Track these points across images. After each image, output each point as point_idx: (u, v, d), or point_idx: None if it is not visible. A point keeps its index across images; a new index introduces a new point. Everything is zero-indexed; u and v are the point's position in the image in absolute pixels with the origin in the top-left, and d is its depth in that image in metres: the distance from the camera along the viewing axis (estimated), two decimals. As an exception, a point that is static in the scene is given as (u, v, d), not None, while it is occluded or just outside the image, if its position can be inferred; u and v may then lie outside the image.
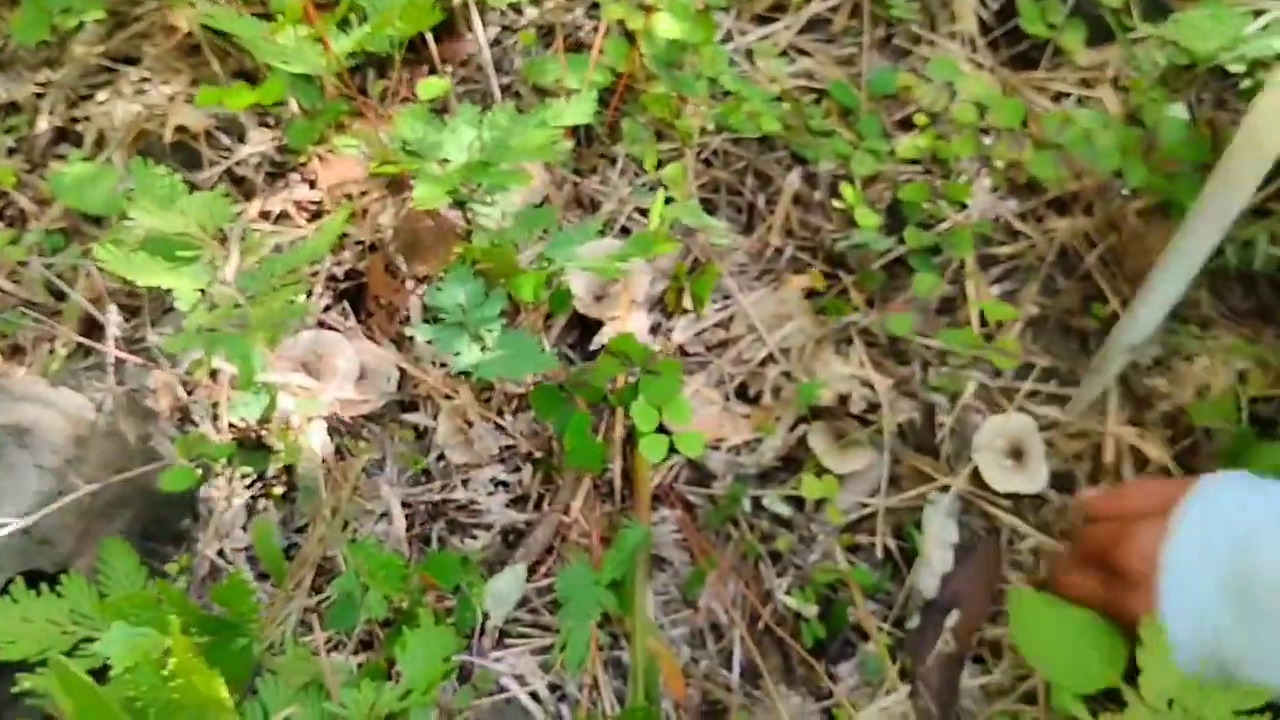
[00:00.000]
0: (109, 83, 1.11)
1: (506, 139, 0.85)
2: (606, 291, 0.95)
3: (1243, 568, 0.69)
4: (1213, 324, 0.98)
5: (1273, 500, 0.73)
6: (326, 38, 0.76)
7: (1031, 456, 0.93)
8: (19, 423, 0.78)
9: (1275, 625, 0.67)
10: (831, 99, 1.07)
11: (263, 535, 0.76)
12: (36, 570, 0.77)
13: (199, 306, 0.76)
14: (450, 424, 0.91)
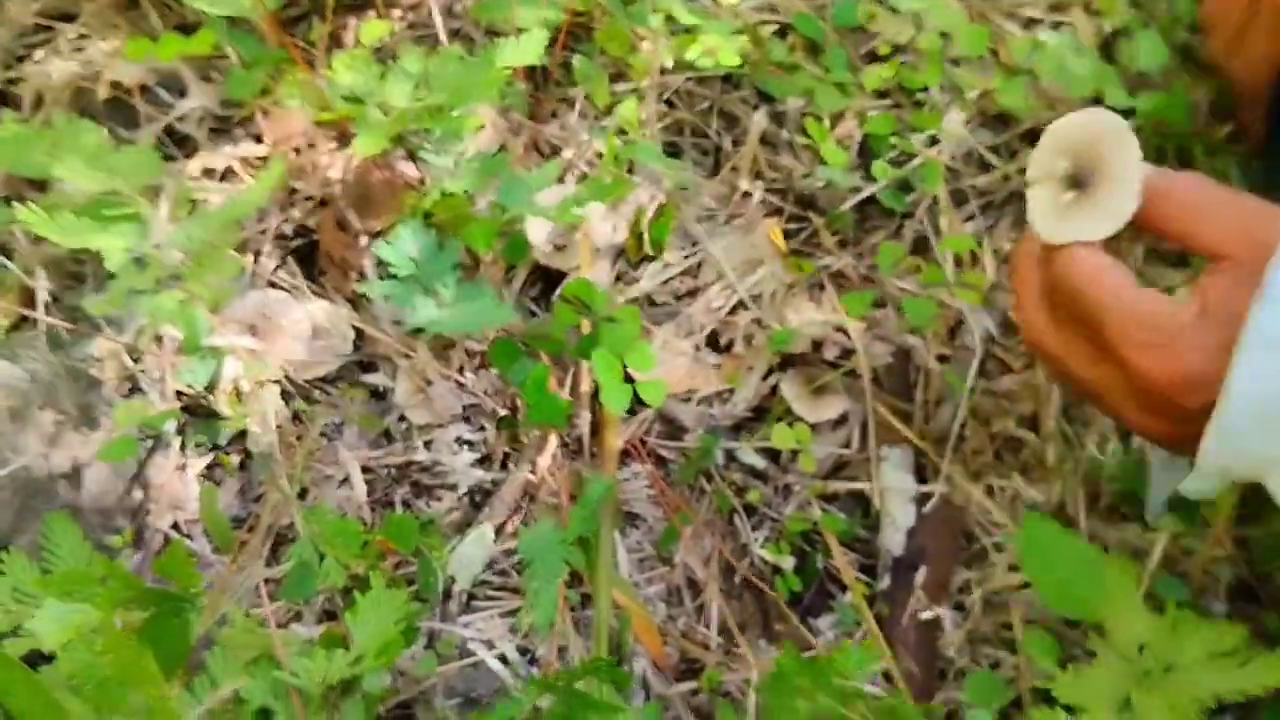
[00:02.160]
0: (46, 42, 1.06)
1: (455, 82, 0.81)
2: (567, 241, 0.92)
3: None
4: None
5: None
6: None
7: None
8: (-51, 397, 0.75)
9: None
10: (796, 32, 1.03)
11: (209, 503, 0.73)
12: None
13: (129, 267, 0.73)
14: (409, 384, 0.88)
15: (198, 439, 0.87)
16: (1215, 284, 0.56)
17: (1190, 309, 0.56)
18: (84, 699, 0.58)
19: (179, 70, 1.01)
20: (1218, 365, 0.54)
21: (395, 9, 1.02)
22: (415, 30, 1.02)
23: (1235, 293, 0.54)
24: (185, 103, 0.99)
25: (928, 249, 0.97)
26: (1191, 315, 0.56)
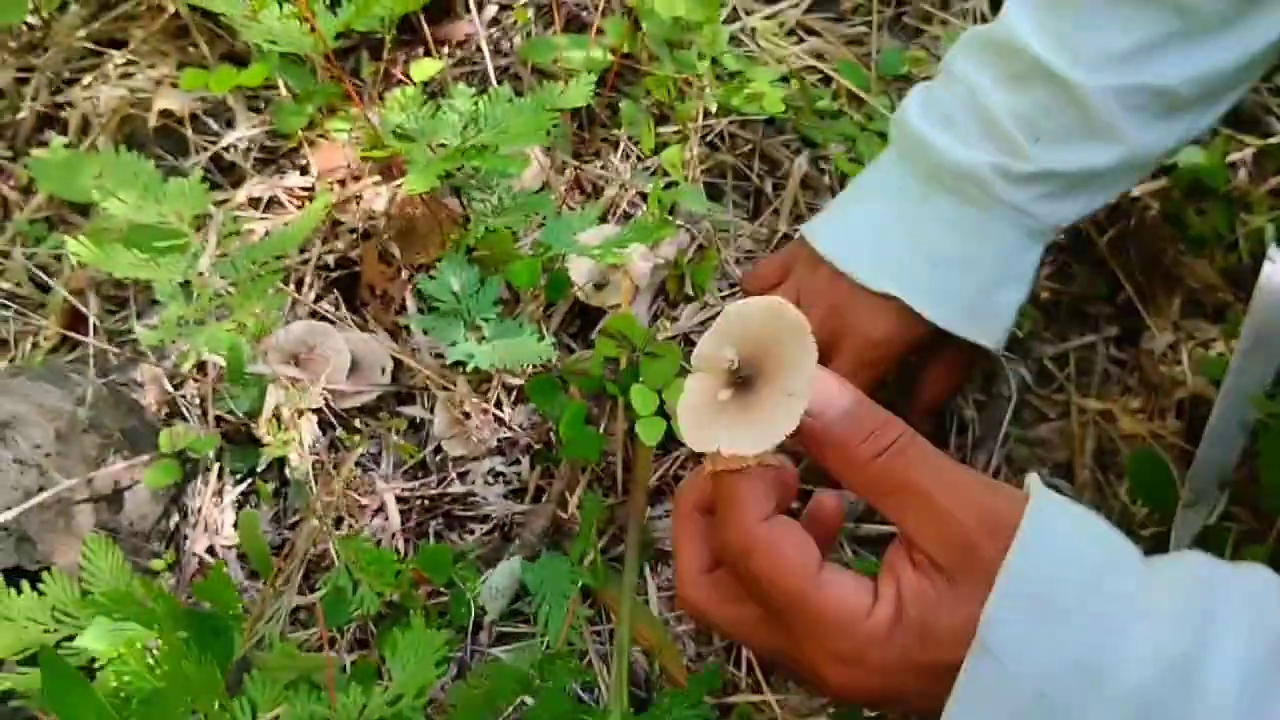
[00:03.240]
0: (94, 67, 1.10)
1: (503, 122, 0.84)
2: (607, 279, 0.94)
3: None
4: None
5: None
6: (311, 16, 0.74)
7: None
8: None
9: None
10: (840, 80, 1.05)
11: (248, 528, 0.75)
12: (17, 568, 0.76)
13: (178, 297, 0.75)
14: (447, 416, 0.90)
15: (235, 465, 0.89)
16: (918, 589, 0.51)
17: (884, 612, 0.51)
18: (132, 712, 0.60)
19: (228, 99, 1.04)
20: (915, 682, 0.51)
21: (445, 46, 1.05)
22: (464, 67, 1.05)
23: (942, 608, 0.50)
24: (234, 133, 1.02)
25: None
26: (884, 621, 0.50)
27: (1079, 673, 0.48)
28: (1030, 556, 0.49)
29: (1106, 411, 0.96)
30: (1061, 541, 0.50)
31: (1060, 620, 0.48)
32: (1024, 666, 0.48)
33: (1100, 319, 1.01)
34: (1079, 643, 0.48)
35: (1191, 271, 1.02)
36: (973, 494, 0.51)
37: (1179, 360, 0.98)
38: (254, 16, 0.73)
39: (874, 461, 0.52)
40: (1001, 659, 0.48)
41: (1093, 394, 0.98)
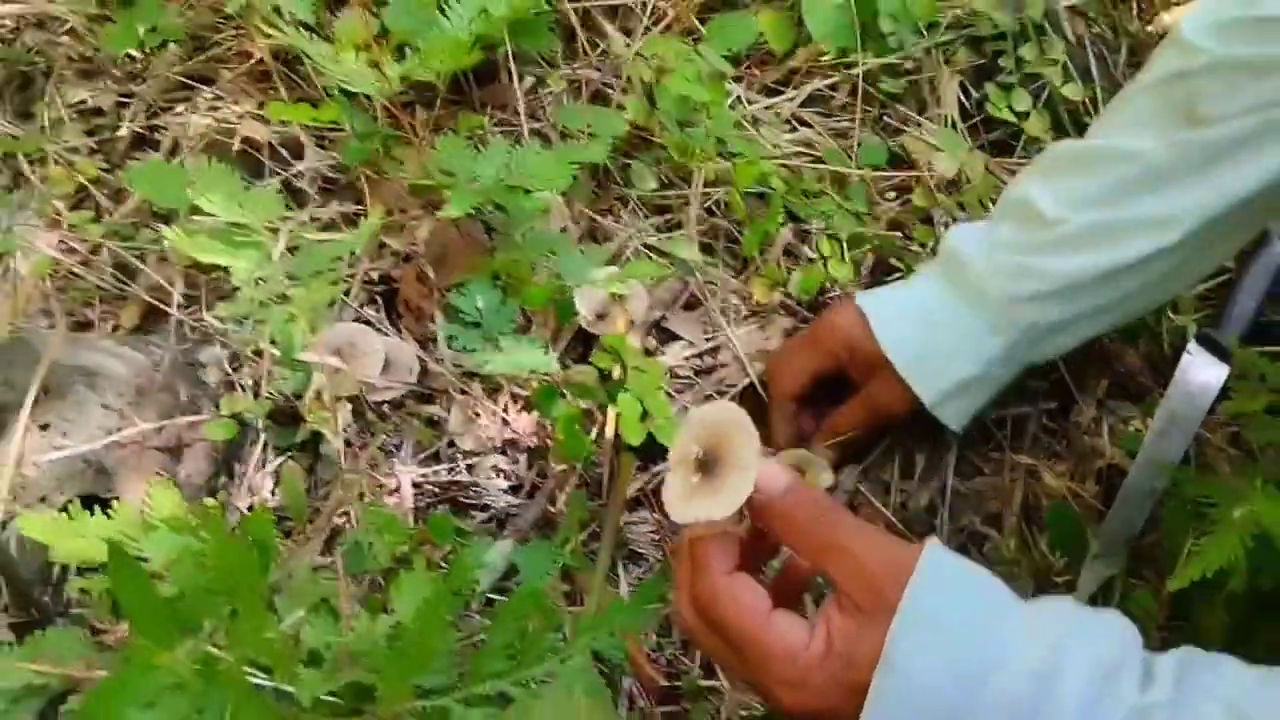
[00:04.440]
0: (186, 99, 1.29)
1: (532, 168, 1.01)
2: (607, 312, 1.11)
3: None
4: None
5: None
6: (382, 63, 0.92)
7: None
8: (88, 366, 0.94)
9: None
10: (826, 165, 1.23)
11: (290, 479, 0.91)
12: (92, 495, 0.92)
13: (251, 285, 0.92)
14: (461, 415, 1.06)
15: (277, 442, 1.05)
16: (842, 625, 0.66)
17: (818, 644, 0.66)
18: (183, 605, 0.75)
19: (299, 135, 1.22)
20: (845, 701, 0.65)
21: (488, 107, 1.23)
22: (502, 126, 1.23)
23: (859, 640, 0.65)
24: (302, 163, 1.20)
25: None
26: (819, 651, 0.66)
27: (963, 683, 0.63)
28: (921, 593, 0.65)
29: (1034, 469, 1.12)
30: (947, 582, 0.67)
31: (946, 642, 0.64)
32: (918, 679, 0.64)
33: (1037, 393, 1.16)
34: (963, 659, 0.64)
35: (1119, 358, 1.18)
36: (882, 549, 0.68)
37: (1101, 433, 1.14)
38: (335, 58, 0.91)
39: (808, 525, 0.69)
40: (902, 673, 0.64)
41: (1024, 453, 1.13)
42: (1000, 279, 0.97)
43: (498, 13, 1.01)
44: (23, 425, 0.90)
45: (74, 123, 1.28)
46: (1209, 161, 0.89)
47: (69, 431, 0.91)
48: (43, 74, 1.32)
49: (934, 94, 1.30)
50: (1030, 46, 1.29)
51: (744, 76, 1.30)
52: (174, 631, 0.73)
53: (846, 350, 1.04)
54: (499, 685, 0.76)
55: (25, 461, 0.90)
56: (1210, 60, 0.88)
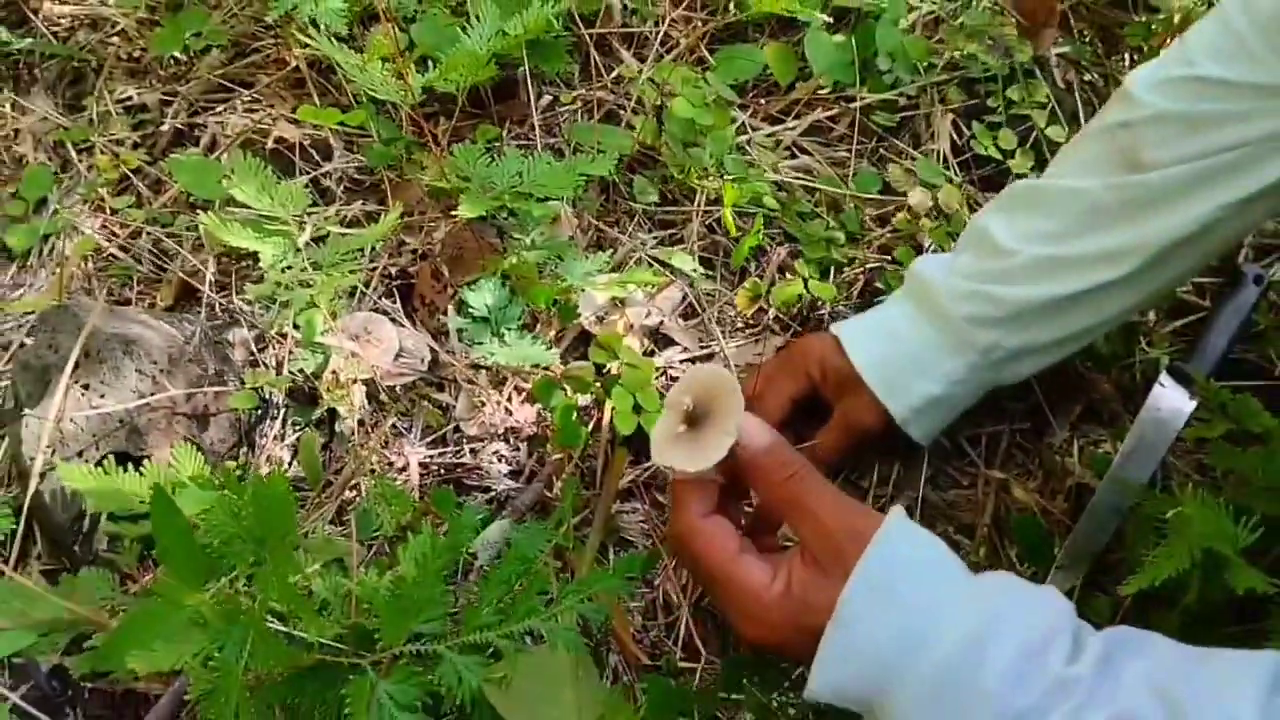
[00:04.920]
0: (225, 100, 1.41)
1: (544, 177, 1.13)
2: (608, 316, 1.22)
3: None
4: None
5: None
6: (407, 74, 1.04)
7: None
8: (127, 335, 1.05)
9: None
10: (821, 190, 1.35)
11: (308, 445, 1.02)
12: (125, 453, 1.03)
13: (278, 269, 1.04)
14: (468, 402, 1.17)
15: (294, 418, 1.16)
16: (801, 574, 0.78)
17: (778, 586, 0.78)
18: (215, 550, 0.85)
19: (328, 138, 1.35)
20: (797, 639, 0.77)
21: (505, 121, 1.35)
22: (518, 139, 1.35)
23: (816, 589, 0.76)
24: (330, 164, 1.32)
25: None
26: (778, 593, 0.78)
27: (902, 641, 0.74)
28: (876, 558, 0.76)
29: (1006, 483, 1.22)
30: (901, 551, 0.78)
31: (891, 604, 0.75)
32: (863, 635, 0.75)
33: (1012, 413, 1.26)
34: (904, 621, 0.74)
35: (1093, 385, 1.27)
36: (844, 512, 0.80)
37: (1072, 453, 1.23)
38: (363, 67, 1.03)
39: (781, 483, 0.81)
40: (849, 628, 0.75)
41: (997, 468, 1.23)
42: (958, 301, 1.05)
43: (514, 32, 1.13)
44: (64, 384, 1.01)
45: (120, 117, 1.41)
46: (1149, 204, 0.99)
47: (106, 393, 1.03)
48: (93, 71, 1.45)
49: (928, 129, 1.41)
50: (1017, 89, 1.40)
51: (749, 105, 1.42)
52: (203, 574, 0.83)
53: (819, 370, 1.11)
54: (488, 636, 0.85)
55: (65, 418, 1.01)
56: (1153, 113, 0.98)
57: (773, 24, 1.47)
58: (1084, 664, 0.70)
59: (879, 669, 0.74)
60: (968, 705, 0.70)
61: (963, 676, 0.71)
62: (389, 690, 0.79)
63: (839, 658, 0.75)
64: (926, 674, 0.72)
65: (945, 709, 0.71)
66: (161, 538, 0.83)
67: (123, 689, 1.06)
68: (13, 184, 1.38)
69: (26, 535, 1.10)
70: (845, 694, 0.76)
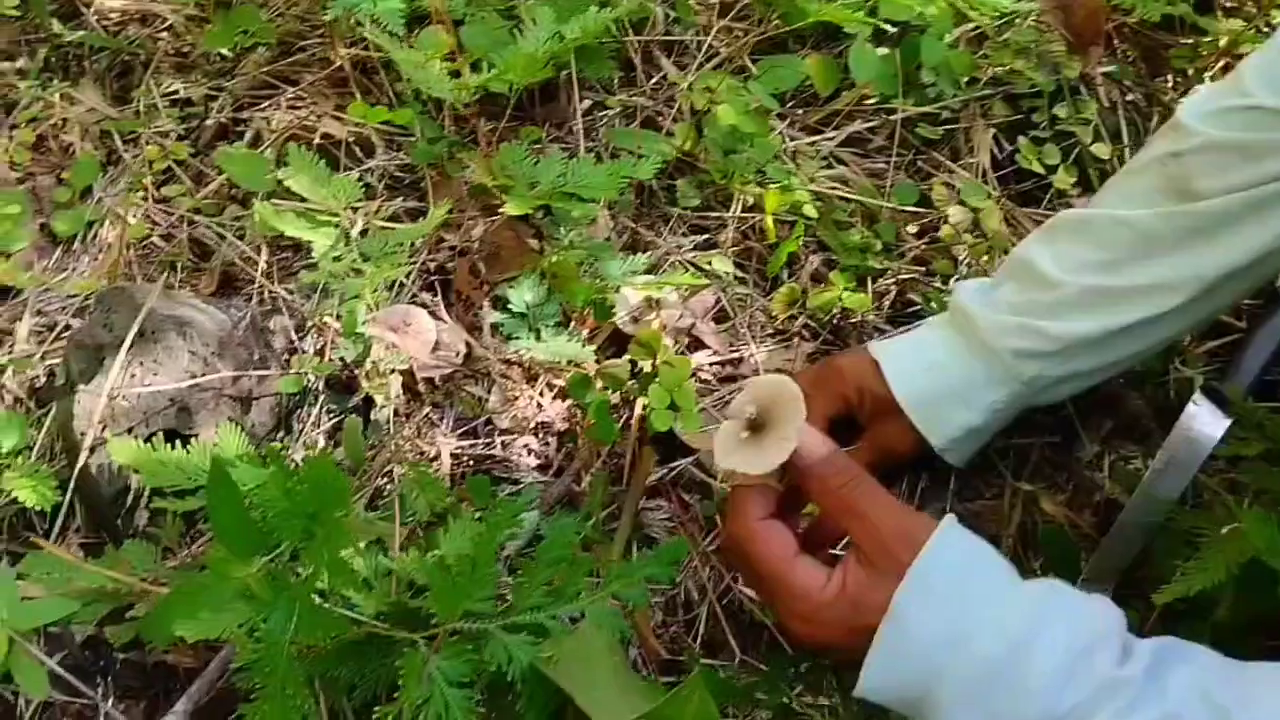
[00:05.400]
0: (270, 97, 1.50)
1: (586, 177, 1.20)
2: (642, 317, 1.29)
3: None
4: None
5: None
6: (463, 72, 1.12)
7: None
8: (181, 316, 1.13)
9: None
10: (858, 200, 1.41)
11: (351, 428, 1.09)
12: (173, 431, 1.10)
13: (329, 258, 1.11)
14: (501, 396, 1.24)
15: (330, 405, 1.23)
16: (856, 575, 0.83)
17: (833, 587, 0.83)
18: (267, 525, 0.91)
19: (371, 136, 1.42)
20: (848, 639, 0.82)
21: (547, 124, 1.43)
22: (558, 143, 1.43)
23: (870, 590, 0.81)
24: (373, 161, 1.40)
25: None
26: (832, 593, 0.83)
27: (949, 640, 0.79)
28: (930, 559, 0.81)
29: (1033, 495, 1.27)
30: (955, 553, 0.83)
31: (942, 604, 0.80)
32: (915, 632, 0.80)
33: (1042, 427, 1.32)
34: (953, 620, 0.80)
35: (1125, 402, 1.33)
36: (898, 517, 0.86)
37: (1102, 468, 1.28)
38: (422, 65, 1.11)
39: (837, 490, 0.87)
40: (902, 625, 0.80)
41: (1025, 480, 1.28)
42: (1005, 336, 1.07)
43: (572, 36, 1.20)
44: (121, 360, 1.08)
45: (166, 110, 1.49)
46: (1201, 233, 1.02)
47: (159, 372, 1.10)
48: (141, 65, 1.54)
49: (968, 144, 1.48)
50: (1065, 106, 1.46)
51: (788, 115, 1.49)
52: (254, 547, 0.90)
53: (856, 394, 1.11)
54: (538, 617, 0.91)
55: (118, 395, 1.09)
56: (1204, 142, 1.01)
57: (814, 36, 1.54)
58: (1132, 667, 0.75)
59: (927, 667, 0.79)
60: (1013, 703, 0.75)
61: (1009, 674, 0.76)
62: (440, 665, 0.85)
63: (890, 655, 0.81)
64: (971, 671, 0.77)
65: (989, 706, 0.76)
66: (216, 511, 0.89)
67: (154, 661, 1.13)
68: (61, 172, 1.46)
69: (67, 510, 1.17)
70: (894, 693, 0.82)
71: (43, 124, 1.51)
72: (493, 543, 0.91)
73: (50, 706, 1.12)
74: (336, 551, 0.87)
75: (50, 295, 1.37)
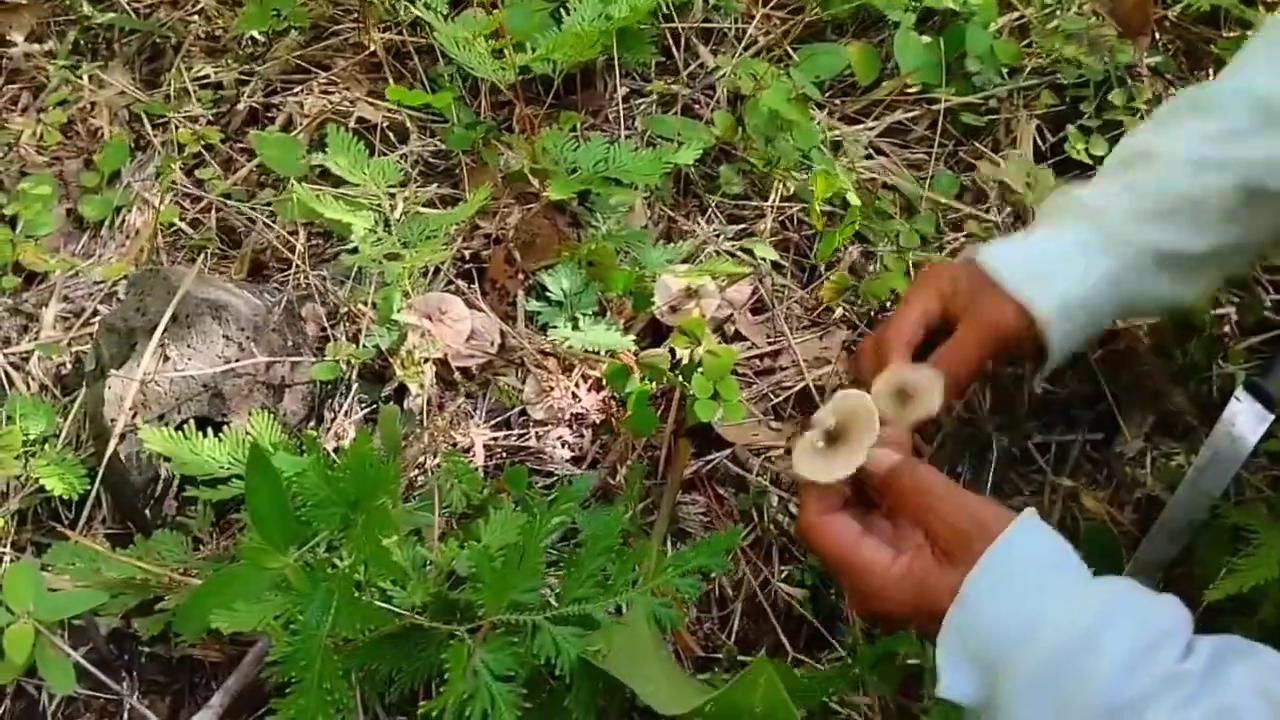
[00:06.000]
0: (301, 82, 1.46)
1: (628, 163, 1.16)
2: (681, 306, 1.25)
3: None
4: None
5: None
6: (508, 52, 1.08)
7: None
8: (217, 300, 1.10)
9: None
10: (898, 191, 1.38)
11: (388, 416, 1.05)
12: (206, 418, 1.07)
13: (368, 241, 1.08)
14: (536, 387, 1.21)
15: (362, 395, 1.20)
16: (923, 559, 0.83)
17: (899, 569, 0.83)
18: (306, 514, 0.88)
19: (405, 121, 1.39)
20: (915, 620, 0.83)
21: (584, 111, 1.39)
22: (597, 130, 1.39)
23: (935, 574, 0.82)
24: (407, 146, 1.36)
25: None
26: (898, 574, 0.83)
27: (1018, 628, 0.77)
28: (1003, 550, 0.79)
29: (1074, 492, 1.23)
30: (1029, 545, 0.81)
31: (1012, 593, 0.78)
32: (983, 618, 0.78)
33: (1082, 422, 1.28)
34: (1023, 609, 0.77)
35: (1168, 398, 1.29)
36: (972, 507, 0.84)
37: (1144, 465, 1.25)
38: (467, 45, 1.07)
39: (908, 498, 0.87)
40: (971, 610, 0.79)
41: (1065, 476, 1.25)
42: (1111, 198, 1.02)
43: (620, 15, 1.17)
44: (154, 344, 1.05)
45: (197, 94, 1.46)
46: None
47: (193, 357, 1.07)
48: (172, 48, 1.51)
49: (1009, 135, 1.44)
50: (1120, 92, 1.42)
51: (826, 105, 1.45)
52: (292, 536, 0.87)
53: (951, 283, 1.04)
54: (587, 608, 0.88)
55: (150, 380, 1.05)
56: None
57: (853, 25, 1.50)
58: (1193, 663, 0.73)
59: (994, 654, 0.78)
60: (1076, 693, 0.74)
61: (1075, 665, 0.74)
62: (485, 658, 0.82)
63: (957, 634, 0.79)
64: (1038, 660, 0.75)
65: (1053, 696, 0.75)
66: (254, 498, 0.86)
67: (180, 655, 1.10)
68: (89, 155, 1.43)
69: (94, 499, 1.14)
70: (966, 687, 0.80)
71: (71, 107, 1.47)
72: (541, 533, 0.88)
73: (74, 701, 1.09)
74: (378, 540, 0.84)
75: (77, 281, 1.34)
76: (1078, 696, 0.74)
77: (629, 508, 1.13)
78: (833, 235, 1.25)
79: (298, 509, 0.88)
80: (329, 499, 0.88)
